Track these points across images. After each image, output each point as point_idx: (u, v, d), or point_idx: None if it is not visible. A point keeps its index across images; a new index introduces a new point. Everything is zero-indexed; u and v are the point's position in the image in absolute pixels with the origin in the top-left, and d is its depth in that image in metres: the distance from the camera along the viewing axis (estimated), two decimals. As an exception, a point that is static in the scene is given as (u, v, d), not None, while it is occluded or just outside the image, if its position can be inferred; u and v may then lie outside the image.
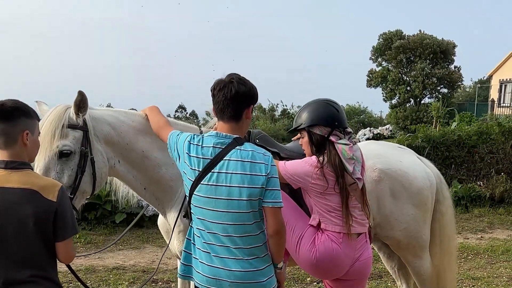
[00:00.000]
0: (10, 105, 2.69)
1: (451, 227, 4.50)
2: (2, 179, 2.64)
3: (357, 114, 45.05)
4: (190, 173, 2.95)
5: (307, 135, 3.58)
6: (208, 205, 2.91)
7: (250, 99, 3.02)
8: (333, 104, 3.60)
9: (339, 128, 3.50)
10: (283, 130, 37.03)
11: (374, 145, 4.43)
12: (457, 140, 12.80)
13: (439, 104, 25.61)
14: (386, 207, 4.08)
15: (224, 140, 2.96)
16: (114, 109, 3.80)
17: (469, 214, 11.22)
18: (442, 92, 39.13)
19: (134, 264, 7.74)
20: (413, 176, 4.16)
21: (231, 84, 2.95)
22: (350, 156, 3.39)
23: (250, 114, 3.06)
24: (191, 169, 2.95)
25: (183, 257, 3.11)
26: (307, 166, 3.41)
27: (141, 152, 3.68)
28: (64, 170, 3.31)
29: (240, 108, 2.99)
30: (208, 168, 2.91)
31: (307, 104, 3.66)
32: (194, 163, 2.94)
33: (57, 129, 3.29)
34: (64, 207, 2.72)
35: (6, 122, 2.66)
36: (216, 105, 3.00)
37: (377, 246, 4.77)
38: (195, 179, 2.93)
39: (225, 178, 2.89)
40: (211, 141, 2.96)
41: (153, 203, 3.88)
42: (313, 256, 3.41)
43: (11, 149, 2.69)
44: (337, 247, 3.39)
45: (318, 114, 3.53)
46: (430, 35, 38.59)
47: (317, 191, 3.41)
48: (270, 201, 2.90)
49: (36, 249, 2.67)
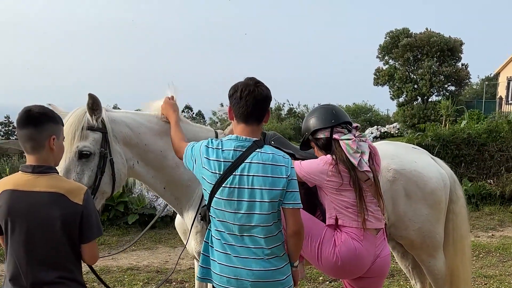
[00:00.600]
0: (37, 110, 2.74)
1: (465, 227, 4.53)
2: (29, 183, 2.70)
3: (364, 112, 45.02)
4: (210, 177, 2.99)
5: (313, 143, 3.71)
6: (230, 207, 2.95)
7: (270, 102, 3.13)
8: (326, 106, 3.74)
9: (340, 125, 3.59)
10: (289, 129, 37.04)
11: (388, 146, 4.46)
12: (466, 139, 12.79)
13: (448, 103, 25.53)
14: (400, 207, 4.11)
15: (244, 143, 3.00)
16: (132, 111, 3.85)
17: (480, 212, 11.23)
18: (449, 90, 39.00)
19: (148, 264, 7.80)
20: (428, 177, 4.20)
21: (259, 88, 3.02)
22: (354, 149, 3.47)
23: (268, 118, 3.15)
24: (211, 172, 2.99)
25: (201, 259, 3.15)
26: (322, 164, 3.49)
27: (159, 153, 3.73)
28: (84, 171, 3.36)
29: (264, 112, 3.09)
30: (230, 170, 2.95)
31: (305, 118, 3.80)
32: (215, 166, 2.98)
33: (77, 131, 3.36)
34: (89, 210, 2.78)
35: (34, 127, 2.71)
36: (242, 108, 3.03)
37: (391, 246, 4.80)
38: (216, 182, 2.97)
39: (247, 181, 2.94)
40: (232, 145, 3.00)
41: (172, 202, 3.93)
42: (336, 258, 3.45)
43: (38, 153, 2.74)
44: (359, 244, 3.43)
45: (314, 120, 3.66)
46: (437, 33, 38.42)
47: (333, 187, 3.47)
48: (290, 202, 2.96)
49: (62, 251, 2.73)
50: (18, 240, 2.69)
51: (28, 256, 2.69)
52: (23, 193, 2.69)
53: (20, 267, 2.70)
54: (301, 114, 44.05)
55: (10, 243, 2.73)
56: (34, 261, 2.69)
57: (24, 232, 2.68)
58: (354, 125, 3.65)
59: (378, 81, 40.59)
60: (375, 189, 3.53)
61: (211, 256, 3.09)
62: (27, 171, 2.74)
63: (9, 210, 2.68)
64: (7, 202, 2.69)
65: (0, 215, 2.71)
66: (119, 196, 9.66)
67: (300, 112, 44.95)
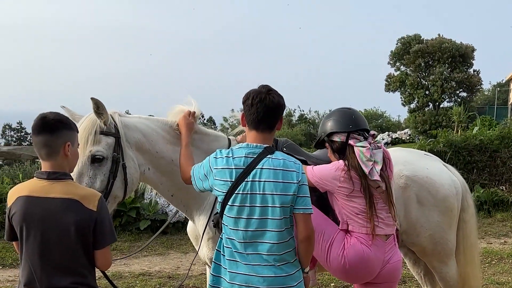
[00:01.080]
0: (53, 117, 2.78)
1: (474, 235, 4.53)
2: (45, 189, 2.73)
3: (375, 118, 44.95)
4: (222, 186, 3.02)
5: (328, 144, 3.71)
6: (242, 213, 2.97)
7: (282, 112, 3.15)
8: (346, 110, 3.72)
9: (357, 131, 3.59)
10: (300, 135, 37.05)
11: (401, 152, 4.46)
12: (478, 145, 12.75)
13: (460, 109, 25.43)
14: (412, 213, 4.11)
15: (255, 149, 3.03)
16: (145, 116, 3.86)
17: (492, 219, 11.16)
18: (461, 96, 38.84)
19: (159, 270, 7.83)
20: (440, 183, 4.19)
21: (270, 95, 3.04)
22: (367, 158, 3.47)
23: (280, 125, 3.17)
24: (223, 181, 3.02)
25: (212, 268, 3.16)
26: (334, 170, 3.50)
27: (171, 161, 3.74)
28: (97, 175, 3.38)
29: (276, 120, 3.11)
30: (242, 177, 2.98)
31: (324, 117, 3.80)
32: (226, 174, 3.01)
33: (90, 135, 3.37)
34: (103, 216, 2.81)
35: (49, 134, 2.74)
36: (253, 115, 3.06)
37: (403, 252, 4.79)
38: (229, 189, 2.99)
39: (258, 186, 2.96)
40: (243, 152, 3.03)
41: (180, 209, 3.95)
42: (344, 260, 3.47)
43: (53, 160, 2.77)
44: (367, 249, 3.44)
45: (332, 122, 3.67)
46: (448, 39, 38.31)
47: (344, 193, 3.48)
48: (301, 207, 2.98)
49: (77, 256, 2.76)
50: (33, 245, 2.72)
51: (43, 261, 2.72)
52: (38, 199, 2.72)
53: (34, 272, 2.72)
54: (312, 120, 44.05)
55: (25, 248, 2.76)
56: (48, 266, 2.72)
57: (39, 237, 2.71)
58: (371, 133, 3.65)
59: (389, 87, 40.48)
60: (387, 196, 3.54)
61: (222, 264, 3.10)
62: (42, 177, 2.77)
63: (24, 216, 2.71)
64: (22, 208, 2.72)
65: (15, 221, 2.75)
66: (131, 202, 9.71)
67: (311, 118, 44.94)
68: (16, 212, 2.73)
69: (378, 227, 3.47)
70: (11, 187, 3.87)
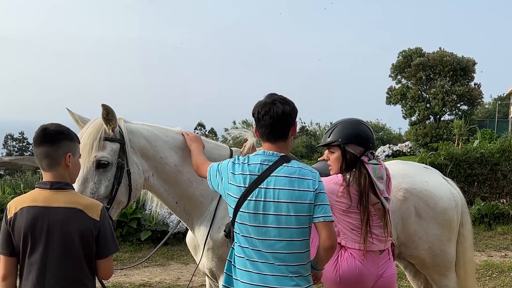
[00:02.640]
0: (53, 129, 2.81)
1: (471, 250, 4.56)
2: (48, 199, 2.76)
3: (376, 131, 44.95)
4: (236, 191, 2.99)
5: (341, 151, 3.60)
6: (255, 221, 2.94)
7: (294, 117, 3.09)
8: (368, 126, 3.70)
9: (372, 150, 3.60)
10: (301, 147, 37.04)
11: (400, 165, 4.48)
12: (479, 158, 12.75)
13: (461, 122, 25.46)
14: (411, 226, 4.12)
15: (271, 157, 3.01)
16: (149, 124, 3.88)
17: (493, 232, 11.14)
18: (462, 109, 38.87)
19: (160, 281, 7.82)
20: (438, 196, 4.21)
21: (275, 106, 3.01)
22: (380, 175, 3.49)
23: (295, 131, 3.14)
24: (236, 186, 2.99)
25: (224, 279, 3.12)
26: (332, 184, 3.48)
27: (174, 167, 3.76)
28: (102, 180, 3.40)
29: (287, 128, 3.07)
30: (255, 184, 2.95)
31: (341, 122, 3.71)
32: (240, 180, 2.99)
33: (95, 141, 3.40)
34: (106, 226, 2.84)
35: (50, 145, 2.77)
36: (263, 129, 3.05)
37: (403, 265, 4.81)
38: (242, 195, 2.97)
39: (273, 194, 2.92)
40: (259, 159, 3.01)
41: (183, 217, 3.94)
42: (336, 273, 3.48)
43: (55, 171, 2.80)
44: (360, 264, 3.46)
45: (354, 132, 3.60)
46: (450, 53, 38.41)
47: (341, 208, 3.49)
48: (320, 215, 2.93)
49: (79, 266, 2.78)
50: (37, 255, 2.73)
51: (48, 272, 2.73)
52: (42, 209, 2.74)
53: (36, 283, 2.73)
54: (313, 132, 44.07)
55: (27, 260, 2.76)
56: (53, 277, 2.73)
57: (44, 247, 2.72)
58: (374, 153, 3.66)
59: (390, 100, 40.51)
60: (384, 215, 3.53)
61: (233, 275, 3.07)
62: (45, 187, 2.79)
63: (29, 226, 2.72)
64: (27, 218, 2.73)
65: (19, 231, 2.75)
66: (132, 212, 9.71)
67: (312, 131, 44.97)
68: (21, 223, 2.73)
69: (372, 243, 3.49)
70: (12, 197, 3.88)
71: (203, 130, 58.05)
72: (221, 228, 3.73)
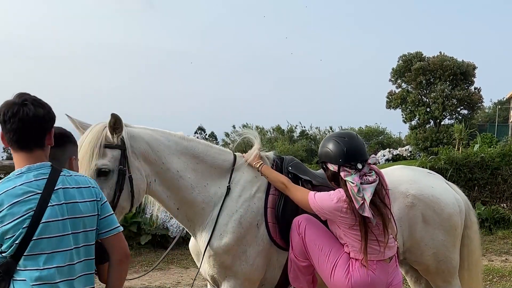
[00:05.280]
0: (59, 131, 2.79)
1: (479, 251, 4.53)
2: None
3: (376, 135, 44.97)
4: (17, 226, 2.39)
5: (323, 169, 3.70)
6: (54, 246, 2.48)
7: (48, 121, 2.58)
8: (340, 140, 3.59)
9: (347, 164, 3.49)
10: (301, 151, 37.11)
11: (405, 171, 4.45)
12: (480, 162, 12.76)
13: (461, 126, 25.47)
14: (417, 232, 4.10)
15: (42, 169, 2.53)
16: (151, 128, 3.84)
17: (493, 236, 11.14)
18: (462, 114, 38.91)
19: (160, 285, 7.81)
20: (444, 202, 4.19)
21: (26, 107, 2.49)
22: (355, 193, 3.38)
23: (51, 140, 2.62)
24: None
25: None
26: (335, 201, 3.44)
27: (176, 172, 3.72)
28: (103, 188, 3.30)
29: (42, 134, 2.56)
30: (43, 204, 2.45)
31: (324, 139, 3.75)
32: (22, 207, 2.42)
33: (95, 149, 3.34)
34: None
35: (56, 148, 2.75)
36: (11, 134, 2.50)
37: (404, 270, 4.79)
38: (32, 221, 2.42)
39: (66, 210, 2.51)
40: (30, 176, 2.49)
41: (184, 223, 3.91)
42: (348, 282, 3.45)
43: None
44: (372, 273, 3.44)
45: (325, 151, 3.61)
46: (450, 57, 38.46)
47: (346, 223, 3.45)
48: (109, 229, 2.66)
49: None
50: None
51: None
52: None
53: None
54: (313, 136, 44.12)
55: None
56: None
57: None
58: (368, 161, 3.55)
59: (390, 104, 40.57)
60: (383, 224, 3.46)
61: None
62: None
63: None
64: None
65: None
66: (132, 216, 9.69)
67: (312, 135, 45.02)
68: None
69: (382, 252, 3.46)
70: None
71: (203, 134, 58.09)
72: (223, 235, 3.71)
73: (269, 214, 3.80)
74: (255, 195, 3.85)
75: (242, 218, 3.75)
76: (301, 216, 3.70)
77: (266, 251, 3.81)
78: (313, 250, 3.59)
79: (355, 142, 3.59)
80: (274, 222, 3.79)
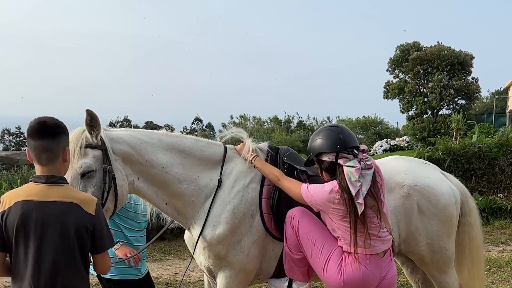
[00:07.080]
0: (53, 122, 2.79)
1: (480, 237, 4.55)
2: (43, 193, 2.73)
3: (373, 125, 44.94)
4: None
5: (317, 164, 3.66)
6: None
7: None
8: (333, 128, 3.65)
9: (346, 150, 3.52)
10: (299, 141, 37.06)
11: (401, 161, 4.45)
12: (477, 152, 12.76)
13: (459, 117, 25.45)
14: (413, 222, 4.10)
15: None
16: (132, 129, 3.87)
17: (490, 227, 11.14)
18: (459, 104, 38.87)
19: (157, 276, 7.80)
20: (440, 192, 4.19)
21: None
22: (356, 178, 3.40)
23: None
24: None
25: None
26: (328, 192, 3.45)
27: (161, 168, 3.73)
28: (87, 187, 3.35)
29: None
30: None
31: (311, 136, 3.74)
32: None
33: (76, 149, 3.35)
34: (101, 220, 2.83)
35: (51, 139, 2.75)
36: None
37: (400, 261, 4.80)
38: None
39: None
40: None
41: (176, 217, 3.91)
42: (341, 277, 3.46)
43: (52, 164, 2.77)
44: (365, 268, 3.44)
45: (320, 141, 3.60)
46: (447, 47, 38.34)
47: (339, 215, 3.46)
48: None
49: (74, 260, 2.76)
50: (31, 249, 2.70)
51: (42, 265, 2.69)
52: (37, 203, 2.71)
53: (31, 277, 2.70)
54: (310, 127, 44.11)
55: (22, 255, 2.72)
56: (45, 269, 2.70)
57: (38, 241, 2.69)
58: (361, 148, 3.57)
59: (388, 94, 40.46)
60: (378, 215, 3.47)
61: None
62: (40, 181, 2.76)
63: (23, 220, 2.68)
64: (21, 213, 2.69)
65: (11, 226, 2.70)
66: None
67: (310, 125, 44.99)
68: (14, 217, 2.69)
69: (375, 246, 3.47)
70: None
71: (200, 125, 58.10)
72: (216, 225, 3.71)
73: (264, 205, 3.80)
74: (249, 186, 3.86)
75: (235, 209, 3.76)
76: (294, 209, 3.69)
77: (261, 241, 3.82)
78: (306, 244, 3.59)
79: (347, 130, 3.65)
80: (269, 212, 3.79)
